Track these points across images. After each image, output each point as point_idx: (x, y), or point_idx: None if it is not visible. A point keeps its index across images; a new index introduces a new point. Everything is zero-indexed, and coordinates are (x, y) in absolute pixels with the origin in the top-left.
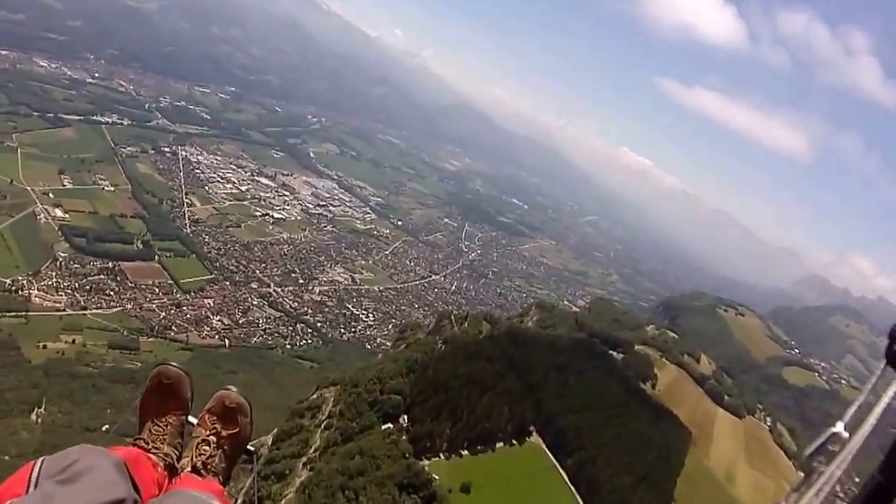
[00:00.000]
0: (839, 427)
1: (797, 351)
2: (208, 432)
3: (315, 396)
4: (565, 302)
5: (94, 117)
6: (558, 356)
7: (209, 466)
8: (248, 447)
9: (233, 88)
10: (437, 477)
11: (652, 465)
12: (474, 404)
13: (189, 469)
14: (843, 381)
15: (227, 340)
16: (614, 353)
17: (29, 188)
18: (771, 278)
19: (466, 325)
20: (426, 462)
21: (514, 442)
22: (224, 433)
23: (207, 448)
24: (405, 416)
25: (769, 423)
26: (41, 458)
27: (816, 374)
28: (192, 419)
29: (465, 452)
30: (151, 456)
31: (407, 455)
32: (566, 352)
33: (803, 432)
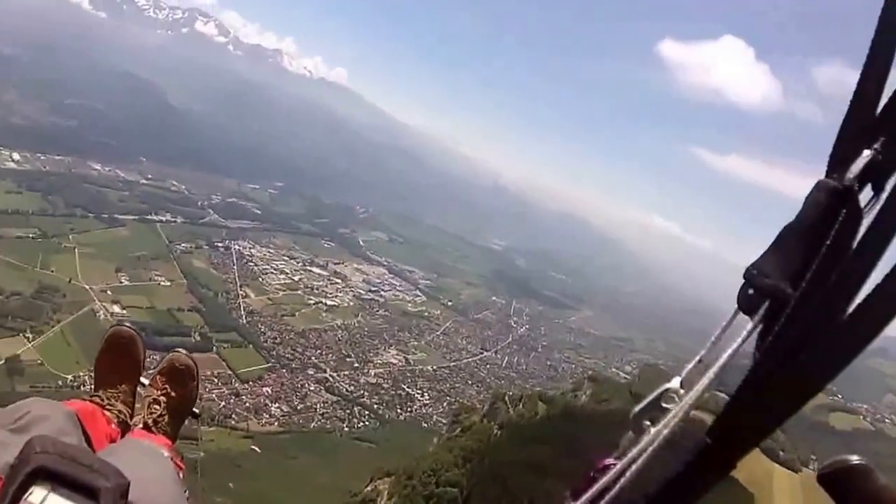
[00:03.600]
0: (674, 382)
1: (840, 396)
2: (159, 392)
3: (369, 489)
4: (613, 369)
5: (149, 216)
6: (616, 431)
7: (159, 424)
8: (194, 409)
9: (281, 183)
10: None
11: None
12: (533, 491)
13: (140, 426)
14: (886, 420)
15: (286, 427)
16: None
17: (87, 286)
18: None
19: (521, 406)
20: None
21: None
22: (173, 394)
23: (157, 407)
24: None
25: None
26: None
27: (861, 417)
28: (143, 380)
29: None
30: (106, 412)
31: None
32: (624, 426)
33: None
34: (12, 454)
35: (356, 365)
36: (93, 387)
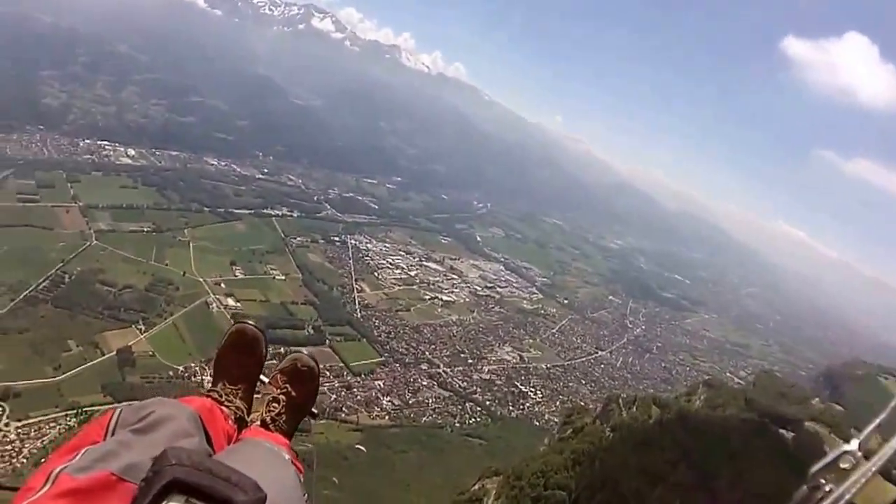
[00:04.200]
0: (853, 445)
1: None
2: (279, 391)
3: (476, 487)
4: (728, 374)
5: (265, 210)
6: (730, 441)
7: (277, 423)
8: (313, 410)
9: (399, 179)
10: None
11: None
12: (644, 498)
13: (258, 423)
14: None
15: (396, 421)
16: (784, 432)
17: (201, 279)
18: None
19: (635, 409)
20: None
21: None
22: (293, 393)
23: (276, 405)
24: None
25: None
26: (118, 408)
27: None
28: (263, 378)
29: None
30: (224, 408)
31: None
32: (737, 434)
33: None
34: (137, 455)
35: (470, 361)
36: (211, 380)
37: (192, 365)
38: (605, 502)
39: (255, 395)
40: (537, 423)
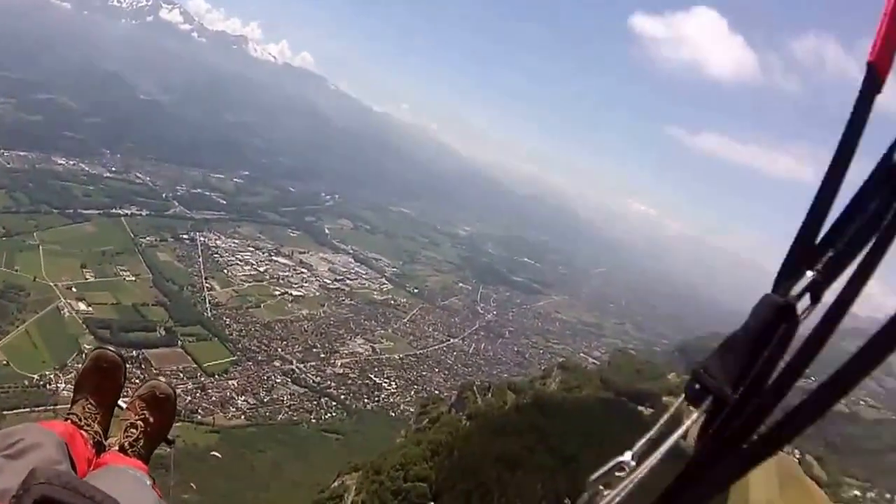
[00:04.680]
0: (627, 456)
1: (813, 379)
2: (137, 417)
3: (336, 484)
4: (582, 354)
5: (114, 210)
6: (588, 421)
7: (135, 448)
8: (168, 436)
9: (247, 172)
10: None
11: None
12: (505, 485)
13: (116, 448)
14: (861, 403)
15: (252, 420)
16: (642, 409)
17: (52, 283)
18: None
19: (490, 395)
20: None
21: None
22: (151, 419)
23: (134, 431)
24: None
25: (798, 456)
26: None
27: None
28: (122, 402)
29: None
30: (83, 433)
31: None
32: (595, 414)
33: (830, 457)
34: (7, 480)
35: (323, 355)
36: (70, 402)
37: (47, 373)
38: (466, 492)
39: (115, 419)
40: (393, 415)
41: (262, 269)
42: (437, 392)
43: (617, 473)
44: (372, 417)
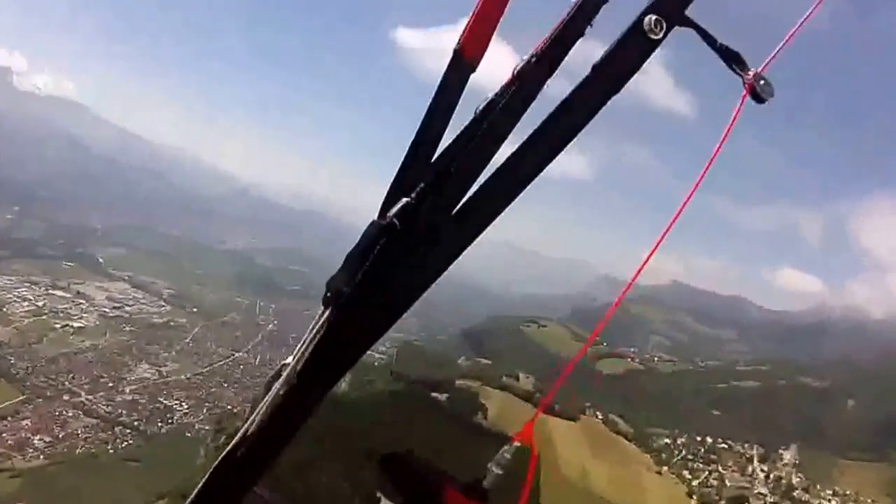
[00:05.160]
0: (289, 359)
1: (605, 344)
2: None
3: None
4: (369, 352)
5: None
6: (385, 414)
7: None
8: None
9: (17, 208)
10: None
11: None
12: (315, 490)
13: None
14: (655, 359)
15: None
16: (438, 396)
17: None
18: (562, 288)
19: None
20: None
21: None
22: None
23: None
24: None
25: (601, 417)
26: None
27: (630, 360)
28: None
29: None
30: None
31: None
32: (391, 407)
33: (632, 414)
34: None
35: (111, 384)
36: None
37: None
38: None
39: None
40: (189, 435)
41: (40, 304)
42: (229, 407)
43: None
44: (169, 440)
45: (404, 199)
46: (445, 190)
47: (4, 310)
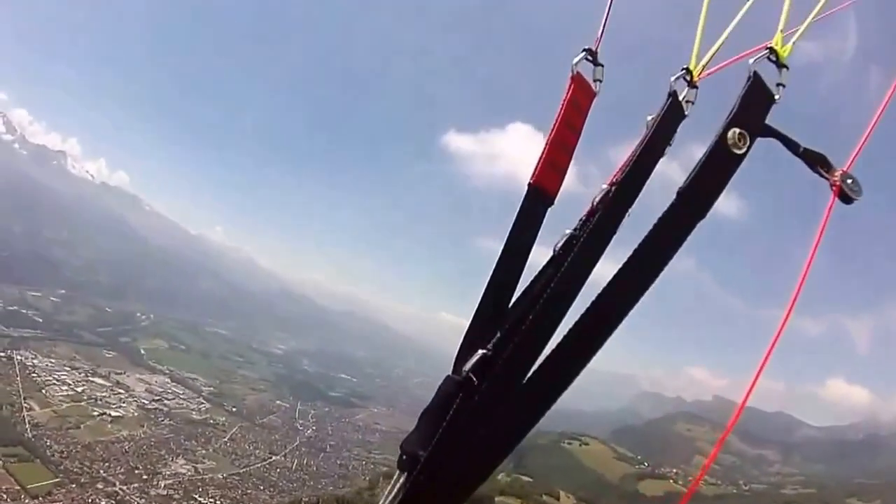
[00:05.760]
0: None
1: (647, 464)
2: None
3: None
4: None
5: None
6: None
7: None
8: None
9: (63, 291)
10: None
11: None
12: None
13: None
14: (700, 483)
15: None
16: None
17: None
18: (605, 402)
19: None
20: None
21: None
22: None
23: None
24: None
25: None
26: None
27: (671, 480)
28: None
29: None
30: None
31: None
32: None
33: None
34: None
35: (145, 477)
36: None
37: None
38: None
39: None
40: None
41: (79, 390)
42: None
43: None
44: None
45: (481, 352)
46: (523, 343)
47: (43, 392)
